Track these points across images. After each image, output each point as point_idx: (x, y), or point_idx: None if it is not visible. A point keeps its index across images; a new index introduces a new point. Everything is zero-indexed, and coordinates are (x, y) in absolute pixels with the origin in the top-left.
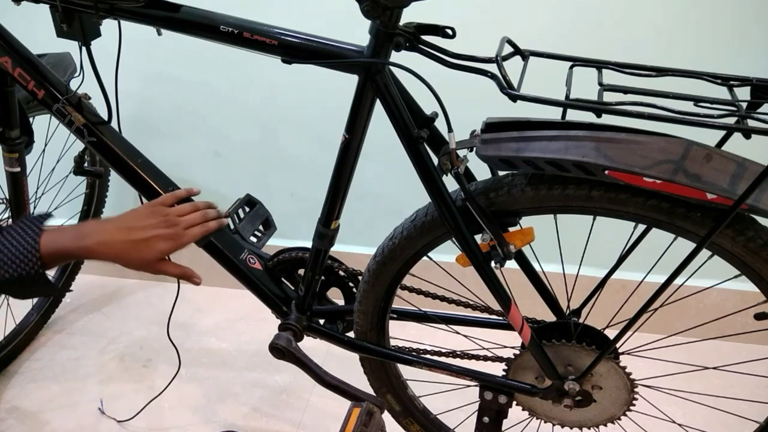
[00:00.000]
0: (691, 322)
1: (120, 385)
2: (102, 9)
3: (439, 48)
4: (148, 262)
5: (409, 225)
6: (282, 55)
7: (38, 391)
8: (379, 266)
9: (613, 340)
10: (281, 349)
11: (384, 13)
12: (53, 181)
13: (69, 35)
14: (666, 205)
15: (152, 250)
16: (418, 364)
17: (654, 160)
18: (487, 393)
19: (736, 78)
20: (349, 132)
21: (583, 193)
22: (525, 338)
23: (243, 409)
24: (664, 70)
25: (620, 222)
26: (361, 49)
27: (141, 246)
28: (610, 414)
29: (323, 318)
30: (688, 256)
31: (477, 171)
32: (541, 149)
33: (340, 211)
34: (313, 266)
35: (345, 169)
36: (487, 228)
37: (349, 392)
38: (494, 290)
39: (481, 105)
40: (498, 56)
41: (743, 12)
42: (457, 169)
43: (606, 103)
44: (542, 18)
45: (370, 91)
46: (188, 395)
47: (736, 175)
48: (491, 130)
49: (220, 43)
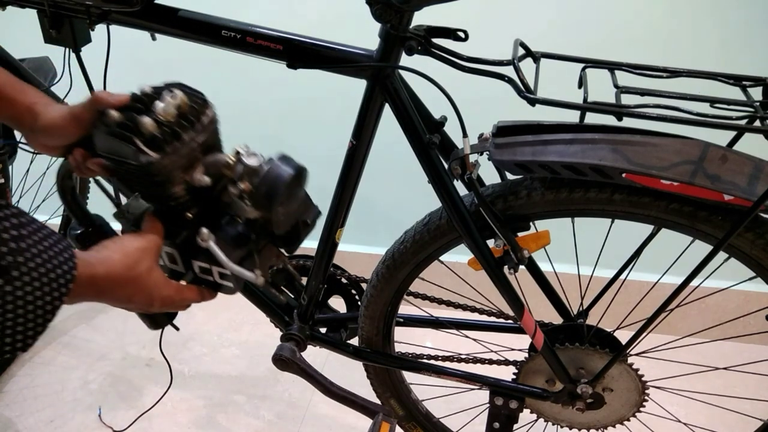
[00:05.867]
0: (693, 323)
1: (113, 398)
2: (95, 14)
3: (451, 51)
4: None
5: (421, 228)
6: (287, 60)
7: (24, 413)
8: (389, 270)
9: (628, 341)
10: (285, 360)
11: (395, 16)
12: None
13: (58, 41)
14: (688, 209)
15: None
16: (426, 372)
17: (671, 162)
18: (497, 398)
19: (748, 78)
20: (356, 138)
21: (605, 197)
22: (538, 343)
23: (243, 416)
24: (677, 71)
25: (620, 223)
26: (370, 53)
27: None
28: (619, 415)
29: (326, 327)
30: (705, 258)
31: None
32: (558, 153)
33: (345, 219)
34: (316, 275)
35: (351, 176)
36: (500, 234)
37: (357, 403)
38: (507, 296)
39: (482, 107)
40: (515, 59)
41: (750, 11)
42: (470, 174)
43: (627, 106)
44: (547, 19)
45: (379, 96)
46: (185, 405)
47: (753, 176)
48: (503, 134)
49: (222, 48)
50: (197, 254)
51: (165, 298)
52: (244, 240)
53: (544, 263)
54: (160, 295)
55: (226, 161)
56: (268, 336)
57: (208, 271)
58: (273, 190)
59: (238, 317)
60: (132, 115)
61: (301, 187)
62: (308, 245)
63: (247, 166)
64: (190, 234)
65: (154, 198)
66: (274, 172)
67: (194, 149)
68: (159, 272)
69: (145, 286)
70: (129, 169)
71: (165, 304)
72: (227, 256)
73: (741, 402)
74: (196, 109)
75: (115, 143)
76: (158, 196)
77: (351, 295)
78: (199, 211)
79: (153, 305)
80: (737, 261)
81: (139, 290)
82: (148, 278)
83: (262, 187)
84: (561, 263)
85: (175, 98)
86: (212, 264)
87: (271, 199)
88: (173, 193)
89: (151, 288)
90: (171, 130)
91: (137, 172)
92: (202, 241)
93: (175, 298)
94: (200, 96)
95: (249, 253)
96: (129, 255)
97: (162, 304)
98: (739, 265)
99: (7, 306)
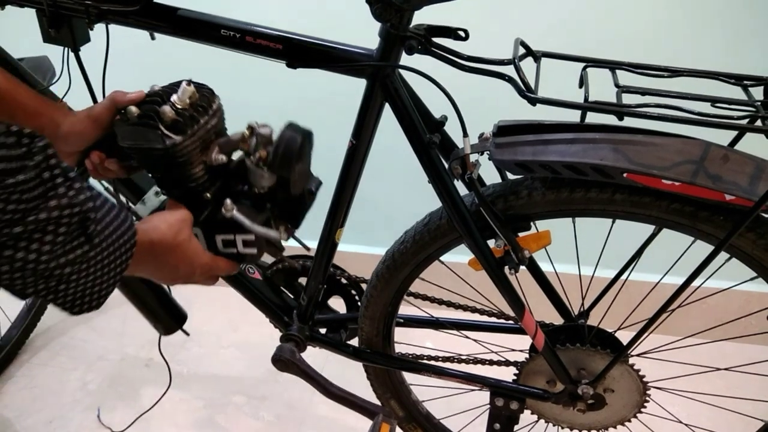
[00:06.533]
0: (694, 323)
1: (112, 399)
2: (93, 13)
3: (451, 50)
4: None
5: (422, 229)
6: (287, 59)
7: (23, 413)
8: (389, 271)
9: (629, 342)
10: (285, 361)
11: (395, 15)
12: None
13: (57, 41)
14: (689, 209)
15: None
16: (427, 373)
17: (672, 161)
18: (498, 399)
19: (750, 77)
20: (356, 137)
21: (606, 197)
22: (539, 344)
23: (243, 417)
24: (678, 70)
25: (621, 223)
26: (369, 53)
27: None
28: (621, 416)
29: (325, 327)
30: (707, 258)
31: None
32: (558, 153)
33: (344, 219)
34: (316, 275)
35: (351, 176)
36: (501, 234)
37: (357, 404)
38: (508, 296)
39: (483, 106)
40: (515, 58)
41: (751, 11)
42: (471, 173)
43: (628, 106)
44: (548, 18)
45: (379, 96)
46: (184, 406)
47: (755, 176)
48: (504, 134)
49: (221, 47)
50: (220, 228)
51: (204, 265)
52: (262, 205)
53: (545, 263)
54: (200, 262)
55: (241, 135)
56: (268, 337)
57: (232, 243)
58: (289, 151)
59: (237, 318)
60: (153, 106)
61: (311, 148)
62: (308, 245)
63: (261, 135)
64: (212, 210)
65: (175, 181)
66: (286, 135)
67: (209, 131)
68: (196, 241)
69: (188, 253)
70: (155, 154)
71: (204, 271)
72: (251, 221)
73: (742, 403)
74: (207, 97)
75: (140, 132)
76: (180, 177)
77: (351, 295)
78: (217, 189)
79: (195, 272)
80: (739, 261)
81: (184, 257)
82: (190, 245)
83: (279, 149)
84: (562, 263)
85: (187, 90)
86: (236, 233)
87: (289, 160)
88: (193, 174)
89: (192, 255)
90: (189, 115)
91: (163, 155)
92: (227, 212)
93: (212, 265)
94: (207, 87)
95: (267, 219)
96: (172, 225)
97: (201, 272)
98: (741, 266)
99: (90, 269)
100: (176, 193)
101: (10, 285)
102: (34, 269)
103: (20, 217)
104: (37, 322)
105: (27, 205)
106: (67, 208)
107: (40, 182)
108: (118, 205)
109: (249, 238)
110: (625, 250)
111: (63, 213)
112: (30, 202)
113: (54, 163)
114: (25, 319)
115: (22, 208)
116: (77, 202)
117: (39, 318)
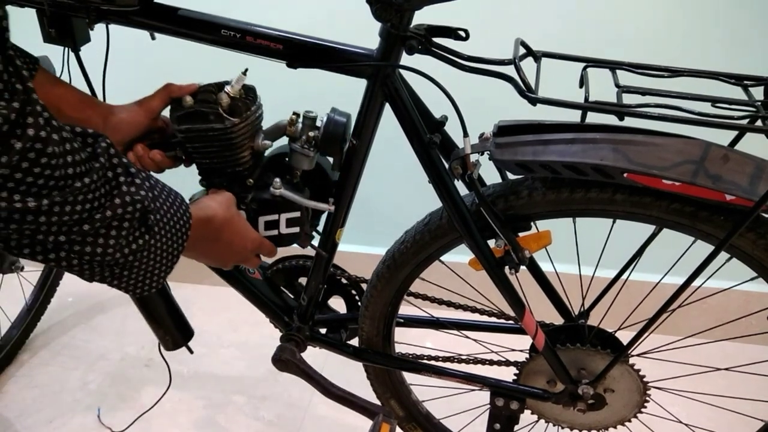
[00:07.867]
0: (694, 323)
1: (112, 398)
2: (94, 13)
3: (452, 50)
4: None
5: (422, 228)
6: (287, 59)
7: (23, 413)
8: (389, 270)
9: (629, 342)
10: (285, 361)
11: (396, 15)
12: None
13: (57, 41)
14: (689, 209)
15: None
16: (427, 373)
17: (672, 161)
18: (498, 399)
19: (750, 78)
20: (356, 137)
21: (606, 197)
22: (539, 344)
23: (243, 417)
24: (679, 70)
25: (621, 223)
26: (370, 53)
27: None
28: (621, 416)
29: (325, 327)
30: (707, 258)
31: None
32: (559, 153)
33: (345, 219)
34: (317, 275)
35: (351, 176)
36: (501, 234)
37: (357, 404)
38: (508, 296)
39: (483, 106)
40: (516, 58)
41: (751, 11)
42: (471, 173)
43: (628, 106)
44: (548, 18)
45: (380, 96)
46: (184, 406)
47: (755, 176)
48: (504, 134)
49: (222, 47)
50: (265, 208)
51: (254, 239)
52: (302, 187)
53: (545, 263)
54: (251, 236)
55: (289, 120)
56: (268, 337)
57: (275, 224)
58: (337, 131)
59: (237, 318)
60: (210, 93)
61: (351, 129)
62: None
63: (308, 118)
64: (256, 192)
65: (223, 165)
66: (334, 117)
67: (257, 119)
68: (244, 218)
69: (239, 228)
70: (212, 134)
71: (255, 247)
72: (300, 196)
73: (743, 403)
74: (252, 90)
75: (199, 115)
76: (229, 160)
77: (351, 295)
78: (258, 176)
79: (247, 247)
80: (739, 261)
81: (237, 230)
82: (240, 220)
83: (329, 127)
84: (562, 263)
85: (242, 78)
86: (281, 212)
87: (337, 139)
88: (241, 158)
89: (243, 229)
90: (242, 101)
91: (220, 135)
92: (275, 189)
93: (259, 241)
94: (249, 84)
95: (309, 197)
96: (222, 202)
97: (252, 247)
98: (741, 266)
99: (151, 255)
100: (219, 182)
101: (79, 272)
102: (101, 261)
103: (88, 216)
104: (37, 322)
105: (93, 204)
106: (129, 205)
107: (105, 181)
108: (172, 189)
109: (294, 216)
110: (626, 250)
111: (126, 210)
112: (96, 201)
113: (117, 162)
114: (25, 319)
115: (89, 208)
116: (139, 198)
117: (39, 318)
